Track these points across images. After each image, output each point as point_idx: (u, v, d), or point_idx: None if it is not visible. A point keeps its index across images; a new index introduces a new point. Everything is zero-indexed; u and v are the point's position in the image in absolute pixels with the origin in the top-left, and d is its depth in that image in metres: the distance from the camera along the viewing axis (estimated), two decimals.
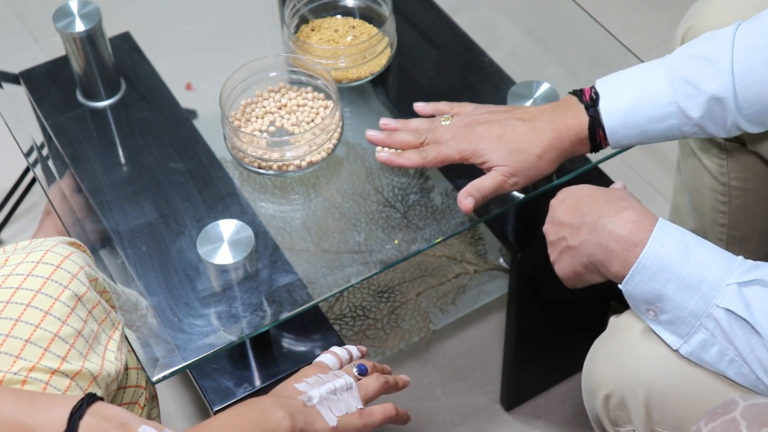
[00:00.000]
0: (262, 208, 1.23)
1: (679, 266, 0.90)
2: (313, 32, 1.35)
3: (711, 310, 0.89)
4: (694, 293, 0.90)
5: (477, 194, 1.11)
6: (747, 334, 0.88)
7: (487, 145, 1.11)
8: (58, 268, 0.92)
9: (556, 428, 1.50)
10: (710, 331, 0.90)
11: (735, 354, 0.90)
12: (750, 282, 0.89)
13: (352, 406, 0.95)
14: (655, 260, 0.92)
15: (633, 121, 1.08)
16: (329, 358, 1.01)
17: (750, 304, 0.88)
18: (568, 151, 1.11)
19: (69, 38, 1.28)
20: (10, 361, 0.86)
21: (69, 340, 0.89)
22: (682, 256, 0.91)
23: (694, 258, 0.91)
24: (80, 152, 1.28)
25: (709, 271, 0.90)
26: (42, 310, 0.89)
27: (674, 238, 0.92)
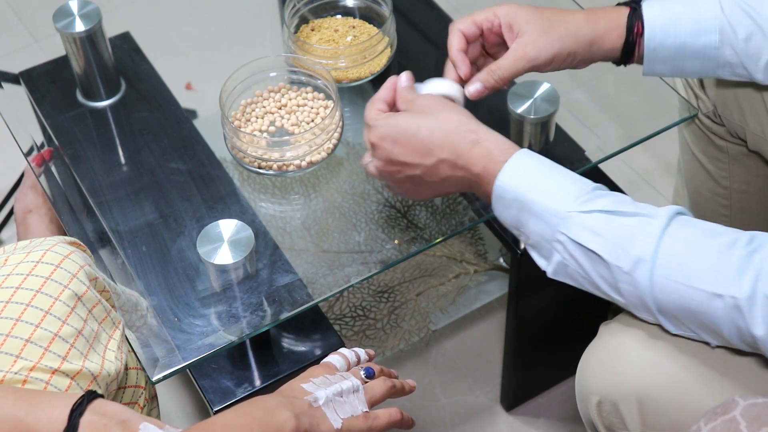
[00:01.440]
0: (262, 208, 1.23)
1: (527, 195, 0.94)
2: (313, 32, 1.35)
3: (557, 236, 0.93)
4: (541, 220, 0.94)
5: (489, 77, 1.08)
6: (590, 259, 0.92)
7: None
8: (58, 267, 0.92)
9: (556, 428, 1.50)
10: (561, 254, 0.94)
11: (583, 273, 0.93)
12: (591, 211, 0.92)
13: (357, 409, 0.94)
14: (506, 190, 0.96)
15: (674, 30, 1.05)
16: (337, 359, 1.01)
17: (590, 230, 0.91)
18: (598, 39, 1.06)
19: (69, 38, 1.28)
20: (11, 361, 0.86)
21: (69, 340, 0.89)
22: (531, 186, 0.94)
23: (543, 186, 0.94)
24: (80, 152, 1.28)
25: (555, 199, 0.93)
26: (42, 309, 0.89)
27: (528, 167, 0.96)
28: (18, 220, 1.51)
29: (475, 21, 1.08)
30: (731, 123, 1.22)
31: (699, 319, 0.89)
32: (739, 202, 1.30)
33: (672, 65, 1.07)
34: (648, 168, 1.83)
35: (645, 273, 0.89)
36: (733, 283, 0.86)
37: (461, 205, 1.22)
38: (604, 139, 1.27)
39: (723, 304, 0.86)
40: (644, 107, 1.33)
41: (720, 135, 1.25)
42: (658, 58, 1.06)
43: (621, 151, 1.25)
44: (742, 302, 0.85)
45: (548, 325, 1.42)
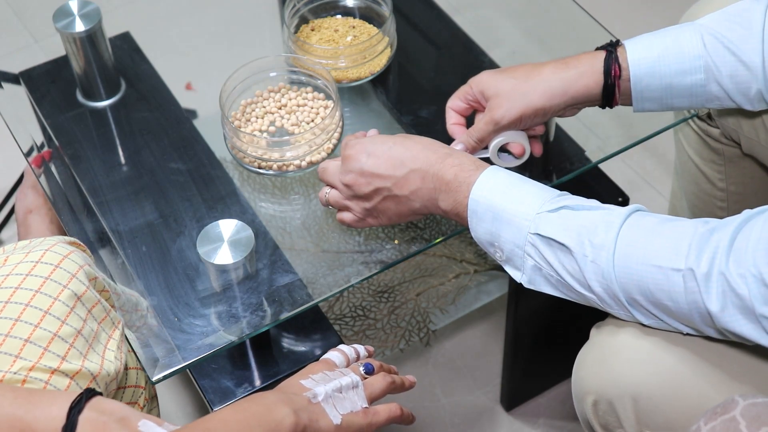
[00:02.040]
0: (262, 208, 1.23)
1: (498, 204, 0.98)
2: (313, 32, 1.35)
3: (527, 238, 0.96)
4: (511, 225, 0.97)
5: (468, 139, 1.13)
6: (557, 252, 0.94)
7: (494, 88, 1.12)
8: (57, 267, 0.92)
9: (556, 428, 1.50)
10: (533, 257, 0.96)
11: (555, 273, 0.96)
12: (558, 208, 0.95)
13: (357, 405, 0.94)
14: (479, 203, 0.99)
15: (660, 71, 1.06)
16: (336, 355, 1.01)
17: (557, 224, 0.94)
18: (570, 87, 1.08)
19: (69, 38, 1.28)
20: (10, 361, 0.86)
21: (69, 340, 0.89)
22: (501, 195, 0.98)
23: (513, 195, 0.98)
24: (80, 152, 1.28)
25: (523, 204, 0.97)
26: (41, 309, 0.89)
27: (498, 180, 0.99)
28: (19, 220, 1.51)
29: (459, 97, 1.15)
30: (726, 126, 1.23)
31: (662, 302, 0.91)
32: (736, 203, 1.30)
33: (660, 103, 1.09)
34: (648, 168, 1.83)
35: (608, 259, 0.92)
36: (691, 258, 0.88)
37: None
38: (604, 139, 1.27)
39: (681, 279, 0.88)
40: None
41: (715, 137, 1.25)
42: (646, 98, 1.08)
43: (621, 151, 1.25)
44: (699, 276, 0.87)
45: (548, 325, 1.42)
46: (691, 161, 1.31)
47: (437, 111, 1.32)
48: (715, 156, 1.27)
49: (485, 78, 1.12)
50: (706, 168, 1.29)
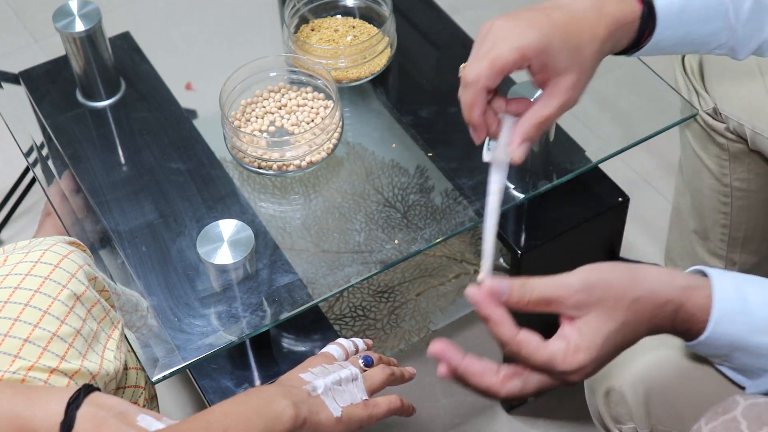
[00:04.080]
0: (262, 208, 1.23)
1: (744, 340, 0.82)
2: (313, 32, 1.35)
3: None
4: (762, 357, 0.84)
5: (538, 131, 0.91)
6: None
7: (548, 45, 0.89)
8: (56, 267, 0.92)
9: (556, 428, 1.50)
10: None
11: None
12: None
13: (357, 397, 0.94)
14: (718, 340, 0.82)
15: (684, 18, 0.96)
16: (335, 348, 1.00)
17: None
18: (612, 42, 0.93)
19: (69, 38, 1.28)
20: (9, 361, 0.86)
21: (68, 340, 0.89)
22: (747, 330, 0.82)
23: (759, 326, 0.82)
24: (80, 152, 1.28)
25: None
26: (41, 309, 0.89)
27: (735, 312, 0.82)
28: (40, 221, 1.52)
29: (504, 69, 0.88)
30: (732, 122, 1.23)
31: None
32: (740, 200, 1.30)
33: (663, 51, 0.99)
34: (648, 168, 1.83)
35: None
36: None
37: (461, 205, 1.22)
38: (604, 139, 1.27)
39: None
40: (644, 107, 1.33)
41: (720, 132, 1.25)
42: (664, 44, 0.97)
43: (621, 151, 1.25)
44: None
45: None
46: (696, 156, 1.31)
47: (437, 111, 1.32)
48: (720, 151, 1.27)
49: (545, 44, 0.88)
50: (710, 163, 1.29)
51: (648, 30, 0.95)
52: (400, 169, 1.27)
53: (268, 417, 0.85)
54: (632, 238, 1.71)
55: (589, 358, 0.80)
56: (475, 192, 1.22)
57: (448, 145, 1.28)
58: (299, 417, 0.87)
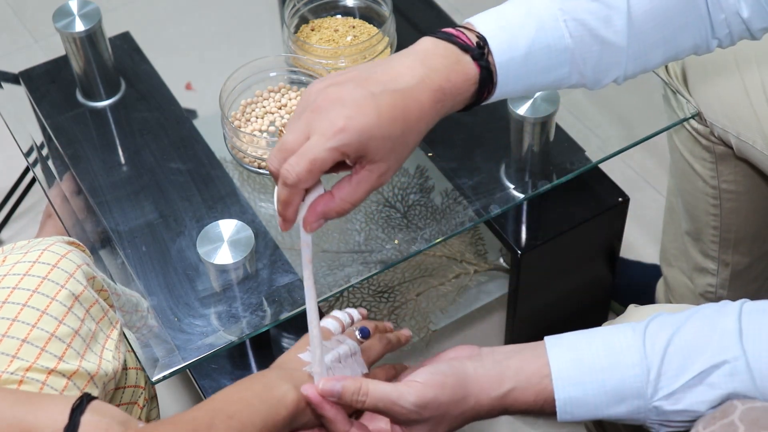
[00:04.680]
0: (262, 208, 1.23)
1: (597, 414, 0.86)
2: (313, 32, 1.35)
3: (649, 422, 0.87)
4: (625, 419, 0.87)
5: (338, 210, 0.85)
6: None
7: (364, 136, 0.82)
8: (54, 267, 0.92)
9: (556, 428, 1.50)
10: (660, 423, 0.87)
11: None
12: (667, 395, 0.84)
13: (357, 372, 0.94)
14: (572, 418, 0.88)
15: (525, 71, 0.90)
16: (331, 322, 0.99)
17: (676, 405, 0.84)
18: (445, 110, 0.88)
19: (69, 38, 1.28)
20: (7, 361, 0.86)
21: (66, 340, 0.89)
22: (594, 406, 0.86)
23: (606, 400, 0.85)
24: (80, 152, 1.28)
25: (626, 404, 0.85)
26: (39, 309, 0.89)
27: (577, 394, 0.86)
28: (41, 222, 1.52)
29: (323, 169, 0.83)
30: (717, 128, 1.23)
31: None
32: (728, 202, 1.30)
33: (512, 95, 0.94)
34: (648, 168, 1.83)
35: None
36: None
37: (461, 205, 1.22)
38: (604, 139, 1.27)
39: None
40: (644, 107, 1.33)
41: (706, 136, 1.25)
42: (505, 95, 0.92)
43: (621, 151, 1.25)
44: None
45: (548, 325, 1.42)
46: (684, 159, 1.31)
47: None
48: (707, 154, 1.27)
49: (366, 140, 0.82)
50: (698, 166, 1.29)
51: (488, 88, 0.89)
52: (400, 169, 1.27)
53: (270, 402, 0.86)
54: (632, 238, 1.71)
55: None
56: (475, 192, 1.22)
57: (448, 145, 1.28)
58: (301, 401, 0.87)
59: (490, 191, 1.22)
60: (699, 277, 1.41)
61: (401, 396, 0.87)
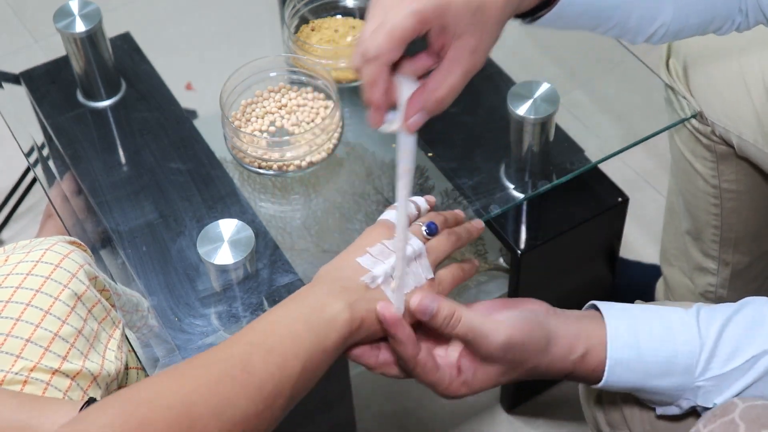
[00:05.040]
0: (262, 208, 1.24)
1: (641, 386, 0.87)
2: (313, 32, 1.35)
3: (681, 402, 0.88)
4: (662, 395, 0.88)
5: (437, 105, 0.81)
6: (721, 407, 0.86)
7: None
8: (57, 267, 0.92)
9: (556, 428, 1.50)
10: (683, 409, 0.89)
11: None
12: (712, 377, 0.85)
13: (421, 278, 0.85)
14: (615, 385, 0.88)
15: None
16: (394, 214, 0.89)
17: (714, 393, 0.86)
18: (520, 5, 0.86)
19: (69, 38, 1.28)
20: (11, 361, 0.86)
21: (69, 340, 0.89)
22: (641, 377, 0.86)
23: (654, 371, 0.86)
24: (80, 152, 1.28)
25: (673, 378, 0.86)
26: (42, 309, 0.89)
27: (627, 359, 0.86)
28: (41, 222, 1.52)
29: (404, 38, 0.79)
30: (718, 127, 1.23)
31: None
32: (729, 201, 1.30)
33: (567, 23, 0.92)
34: (648, 168, 1.83)
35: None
36: None
37: (461, 205, 1.22)
38: (604, 139, 1.27)
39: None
40: (644, 107, 1.33)
41: (707, 135, 1.25)
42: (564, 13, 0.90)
43: (621, 151, 1.25)
44: None
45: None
46: (685, 159, 1.31)
47: None
48: (708, 153, 1.27)
49: (444, 7, 0.78)
50: (699, 165, 1.29)
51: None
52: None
53: (319, 328, 0.78)
54: (632, 238, 1.71)
55: (470, 392, 0.87)
56: (475, 192, 1.22)
57: (448, 145, 1.28)
58: (355, 320, 0.80)
59: (490, 191, 1.22)
60: (699, 277, 1.41)
61: (492, 332, 0.83)
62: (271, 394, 0.76)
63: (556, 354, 0.87)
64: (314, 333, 0.79)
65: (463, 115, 1.31)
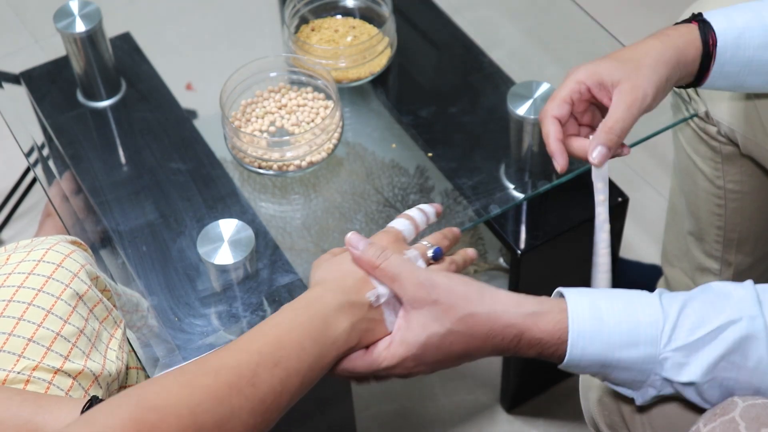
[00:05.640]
0: (262, 208, 1.24)
1: (607, 358, 0.83)
2: (313, 32, 1.35)
3: (651, 378, 0.85)
4: (629, 371, 0.84)
5: (610, 136, 0.98)
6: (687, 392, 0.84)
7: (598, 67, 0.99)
8: (59, 266, 0.92)
9: (556, 428, 1.50)
10: (657, 389, 0.86)
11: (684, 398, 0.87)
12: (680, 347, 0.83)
13: None
14: (579, 363, 0.84)
15: (744, 42, 0.99)
16: (404, 224, 0.91)
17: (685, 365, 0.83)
18: (682, 57, 1.00)
19: (69, 38, 1.28)
20: (14, 360, 0.86)
21: (71, 339, 0.89)
22: (606, 349, 0.83)
23: (619, 342, 0.83)
24: (80, 152, 1.29)
25: (639, 349, 0.83)
26: (44, 308, 0.89)
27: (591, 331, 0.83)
28: (40, 222, 1.52)
29: (564, 99, 1.01)
30: (723, 126, 1.23)
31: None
32: (733, 201, 1.30)
33: (734, 80, 1.03)
34: (648, 168, 1.83)
35: None
36: None
37: (461, 205, 1.22)
38: None
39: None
40: None
41: (712, 135, 1.25)
42: (724, 73, 1.02)
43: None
44: None
45: None
46: (689, 159, 1.31)
47: (437, 111, 1.32)
48: (713, 154, 1.27)
49: (596, 68, 1.00)
50: (703, 165, 1.29)
51: (713, 47, 1.00)
52: (400, 169, 1.27)
53: (323, 346, 0.80)
54: (632, 238, 1.71)
55: (409, 353, 0.83)
56: (475, 192, 1.22)
57: (448, 145, 1.28)
58: (352, 341, 0.82)
59: (490, 191, 1.22)
60: (701, 277, 1.41)
61: (417, 270, 0.84)
62: (269, 408, 0.77)
63: (498, 306, 0.83)
64: (318, 349, 0.80)
65: (463, 115, 1.31)
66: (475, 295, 0.84)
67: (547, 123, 1.01)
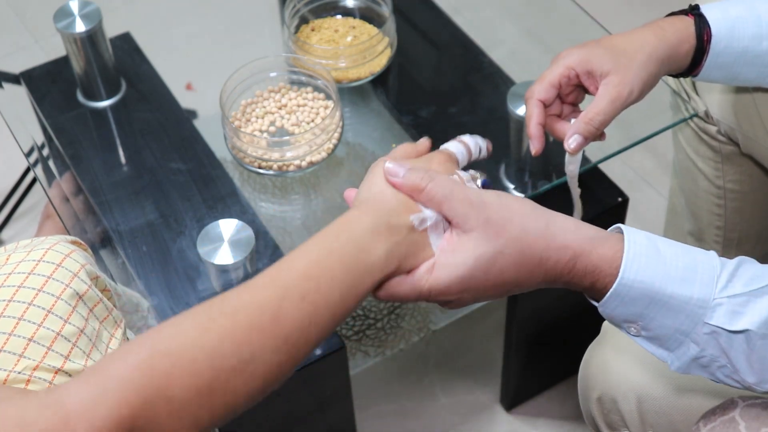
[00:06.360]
0: (263, 208, 1.24)
1: (661, 289, 0.77)
2: (313, 32, 1.35)
3: (699, 328, 0.78)
4: (679, 313, 0.78)
5: (588, 127, 0.99)
6: (735, 344, 0.78)
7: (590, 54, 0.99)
8: (59, 266, 0.92)
9: (556, 428, 1.50)
10: (700, 345, 0.79)
11: (725, 361, 0.80)
12: (735, 295, 0.77)
13: None
14: (632, 288, 0.77)
15: (738, 33, 1.00)
16: (457, 147, 0.86)
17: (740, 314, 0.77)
18: (673, 52, 1.00)
19: (69, 38, 1.28)
20: (14, 360, 0.86)
21: (71, 339, 0.89)
22: (663, 278, 0.77)
23: (676, 276, 0.77)
24: (81, 152, 1.29)
25: (693, 287, 0.77)
26: (44, 308, 0.89)
27: (648, 258, 0.77)
28: (40, 222, 1.52)
29: (552, 83, 1.00)
30: (723, 125, 1.23)
31: None
32: (733, 201, 1.31)
33: (728, 71, 1.03)
34: (648, 168, 1.83)
35: None
36: None
37: None
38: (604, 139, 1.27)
39: None
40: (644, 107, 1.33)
41: (712, 135, 1.26)
42: (718, 63, 1.01)
43: (621, 151, 1.25)
44: None
45: (548, 325, 1.42)
46: (689, 159, 1.31)
47: (437, 111, 1.32)
48: (713, 153, 1.27)
49: (587, 55, 0.99)
50: (703, 165, 1.29)
51: (706, 43, 1.00)
52: None
53: (356, 273, 0.73)
54: None
55: (454, 277, 0.76)
56: None
57: None
58: (390, 266, 0.74)
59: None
60: None
61: (467, 189, 0.78)
62: (295, 345, 0.71)
63: (554, 226, 0.77)
64: (350, 278, 0.73)
65: (463, 115, 1.31)
66: (531, 211, 0.77)
67: (531, 105, 1.02)
